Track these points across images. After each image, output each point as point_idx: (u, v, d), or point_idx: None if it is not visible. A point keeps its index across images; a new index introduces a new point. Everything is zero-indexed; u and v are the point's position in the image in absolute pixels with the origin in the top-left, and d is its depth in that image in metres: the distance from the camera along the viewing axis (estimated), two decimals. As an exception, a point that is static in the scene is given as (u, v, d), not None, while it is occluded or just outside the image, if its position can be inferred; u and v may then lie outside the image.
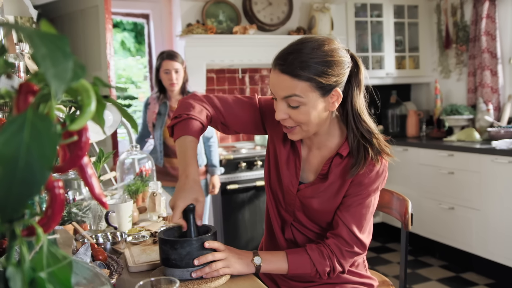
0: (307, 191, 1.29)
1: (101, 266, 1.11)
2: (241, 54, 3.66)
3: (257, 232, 3.54)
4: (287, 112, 1.18)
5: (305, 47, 1.15)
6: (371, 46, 4.23)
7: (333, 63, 1.14)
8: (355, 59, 1.23)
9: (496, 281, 3.15)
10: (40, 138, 0.39)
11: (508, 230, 2.98)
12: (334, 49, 1.16)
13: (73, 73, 0.39)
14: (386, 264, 3.58)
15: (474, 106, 3.87)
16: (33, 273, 0.48)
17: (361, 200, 1.25)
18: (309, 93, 1.14)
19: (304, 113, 1.16)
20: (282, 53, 1.17)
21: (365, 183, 1.23)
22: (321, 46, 1.15)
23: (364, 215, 1.25)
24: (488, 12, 3.67)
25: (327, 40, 1.18)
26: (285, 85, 1.15)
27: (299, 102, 1.15)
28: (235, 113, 1.35)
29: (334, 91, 1.17)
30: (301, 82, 1.13)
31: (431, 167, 3.59)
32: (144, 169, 2.02)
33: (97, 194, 0.53)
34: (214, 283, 1.12)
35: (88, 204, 1.53)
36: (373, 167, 1.22)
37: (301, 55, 1.13)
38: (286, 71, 1.14)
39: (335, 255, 1.23)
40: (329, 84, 1.15)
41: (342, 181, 1.25)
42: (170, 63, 2.89)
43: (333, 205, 1.27)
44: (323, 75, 1.13)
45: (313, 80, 1.13)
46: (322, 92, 1.15)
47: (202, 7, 3.74)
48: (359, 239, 1.24)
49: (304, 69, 1.12)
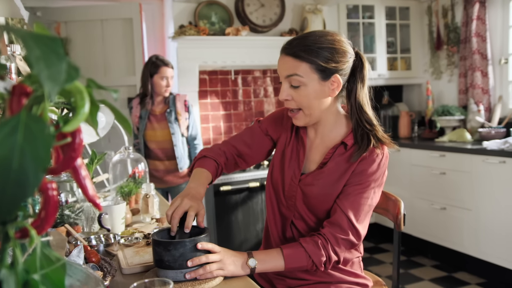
0: (308, 179, 1.33)
1: (94, 268, 1.10)
2: (234, 56, 3.67)
3: (250, 233, 3.54)
4: (289, 93, 1.28)
5: (311, 35, 1.27)
6: (363, 47, 4.25)
7: (335, 50, 1.25)
8: (360, 56, 1.32)
9: (487, 280, 3.17)
10: (34, 140, 0.39)
11: (500, 229, 3.01)
12: (338, 39, 1.27)
13: (66, 75, 0.40)
14: (379, 265, 3.60)
15: (465, 107, 3.90)
16: (27, 275, 0.48)
17: (361, 189, 1.27)
18: (310, 74, 1.24)
19: (305, 94, 1.26)
20: (289, 40, 1.29)
21: (367, 172, 1.27)
22: (325, 35, 1.26)
23: (362, 205, 1.27)
24: (479, 14, 3.71)
25: (331, 32, 1.29)
26: (288, 65, 1.26)
27: (300, 82, 1.25)
28: (244, 139, 1.50)
29: (334, 77, 1.25)
30: (303, 63, 1.23)
31: (423, 168, 3.61)
32: (137, 171, 2.02)
33: (91, 195, 0.53)
34: (208, 284, 1.12)
35: (80, 206, 1.52)
36: (375, 157, 1.28)
37: (305, 40, 1.25)
38: (289, 53, 1.26)
39: (329, 243, 1.23)
40: (329, 69, 1.24)
41: (344, 169, 1.29)
42: (168, 70, 2.98)
43: (333, 192, 1.29)
44: (323, 59, 1.23)
45: (313, 62, 1.23)
46: (322, 75, 1.24)
47: (194, 9, 3.74)
48: (355, 227, 1.26)
49: (306, 51, 1.23)
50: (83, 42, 3.83)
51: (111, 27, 3.89)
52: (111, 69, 3.92)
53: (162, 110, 3.07)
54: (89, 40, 3.87)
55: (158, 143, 3.05)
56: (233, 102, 4.04)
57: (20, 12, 1.93)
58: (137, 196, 1.95)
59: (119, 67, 3.94)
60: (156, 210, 1.79)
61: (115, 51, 3.92)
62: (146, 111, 3.03)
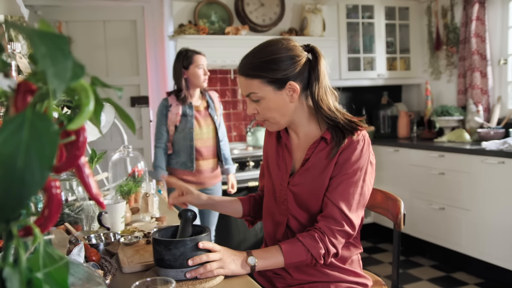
0: (295, 179, 1.35)
1: (94, 267, 1.10)
2: (233, 55, 3.66)
3: (249, 233, 3.54)
4: (254, 107, 1.33)
5: (255, 50, 1.32)
6: (363, 47, 4.26)
7: (279, 59, 1.27)
8: (315, 51, 1.33)
9: (486, 280, 3.18)
10: (40, 138, 0.38)
11: (498, 230, 3.01)
12: (283, 47, 1.29)
13: (72, 73, 0.39)
14: (378, 265, 3.60)
15: (464, 107, 3.90)
16: (30, 274, 0.47)
17: (347, 178, 1.28)
18: (263, 88, 1.28)
19: (266, 107, 1.31)
20: (241, 59, 1.34)
21: (350, 161, 1.28)
22: (267, 47, 1.30)
23: (352, 194, 1.28)
24: (478, 14, 3.71)
25: (275, 41, 1.31)
26: (243, 85, 1.32)
27: (258, 97, 1.30)
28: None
29: (288, 84, 1.28)
30: (254, 80, 1.28)
31: (422, 168, 3.61)
32: (136, 170, 2.01)
33: (95, 194, 0.53)
34: (208, 283, 1.12)
35: (80, 205, 1.52)
36: (356, 145, 1.29)
37: (251, 58, 1.30)
38: (241, 73, 1.32)
39: (326, 236, 1.24)
40: (280, 78, 1.27)
41: (326, 162, 1.31)
42: (202, 58, 2.81)
43: (320, 187, 1.30)
44: (270, 71, 1.27)
45: (262, 77, 1.27)
46: (276, 86, 1.28)
47: (194, 8, 3.74)
48: (348, 217, 1.26)
49: (252, 68, 1.28)
50: (85, 43, 3.84)
51: (114, 28, 3.89)
52: (114, 70, 3.93)
53: (203, 105, 2.88)
54: (91, 41, 3.87)
55: (203, 140, 2.84)
56: (232, 102, 4.04)
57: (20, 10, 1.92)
58: (137, 195, 1.94)
59: (121, 67, 3.94)
60: (156, 209, 1.78)
61: (117, 52, 3.91)
62: (191, 107, 2.81)
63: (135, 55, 3.94)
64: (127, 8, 3.88)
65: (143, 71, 3.96)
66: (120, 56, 3.93)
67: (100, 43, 3.89)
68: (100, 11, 3.86)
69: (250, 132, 3.93)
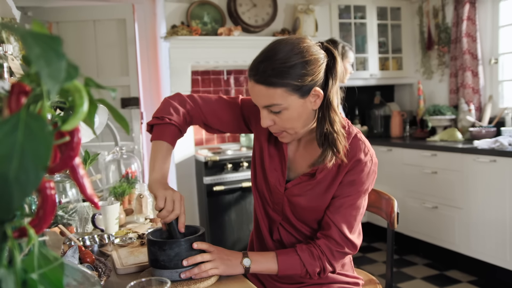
0: (294, 190, 1.28)
1: (89, 269, 1.10)
2: (226, 56, 3.66)
3: (243, 233, 3.54)
4: (271, 118, 1.18)
5: (275, 53, 1.13)
6: (355, 47, 4.27)
7: (306, 62, 1.12)
8: (331, 51, 1.20)
9: (478, 278, 3.20)
10: (34, 138, 0.39)
11: (490, 228, 3.04)
12: (305, 49, 1.14)
13: (66, 73, 0.40)
14: (372, 264, 3.62)
15: (456, 106, 3.93)
16: (25, 275, 0.47)
17: (351, 201, 1.24)
18: (288, 98, 1.13)
19: (288, 117, 1.16)
20: (254, 62, 1.17)
21: (356, 183, 1.23)
22: (291, 50, 1.13)
23: (354, 216, 1.25)
24: (469, 14, 3.74)
25: (296, 41, 1.15)
26: (262, 94, 1.14)
27: (280, 108, 1.15)
28: (217, 112, 1.36)
29: (313, 90, 1.15)
30: (277, 89, 1.12)
31: (415, 167, 3.63)
32: (130, 171, 2.01)
33: (89, 194, 0.53)
34: (203, 283, 1.12)
35: (74, 207, 1.51)
36: (363, 167, 1.22)
37: (272, 63, 1.12)
38: (260, 81, 1.13)
39: (325, 256, 1.23)
40: (306, 85, 1.13)
41: (331, 179, 1.24)
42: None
43: (322, 203, 1.26)
44: (297, 78, 1.11)
45: (288, 85, 1.11)
46: (301, 93, 1.14)
47: (186, 9, 3.73)
48: (349, 240, 1.24)
49: (277, 76, 1.11)
50: (75, 43, 3.82)
51: (104, 27, 3.87)
52: (104, 69, 3.91)
53: None
54: (82, 41, 3.84)
55: None
56: (226, 102, 4.03)
57: (11, 12, 1.91)
58: (131, 196, 1.94)
59: (112, 68, 3.92)
60: (150, 210, 1.78)
61: (108, 52, 3.90)
62: None
63: (125, 55, 3.91)
64: (116, 7, 3.86)
65: (133, 72, 3.92)
66: (110, 56, 3.91)
67: (90, 43, 3.86)
68: (90, 11, 3.84)
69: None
